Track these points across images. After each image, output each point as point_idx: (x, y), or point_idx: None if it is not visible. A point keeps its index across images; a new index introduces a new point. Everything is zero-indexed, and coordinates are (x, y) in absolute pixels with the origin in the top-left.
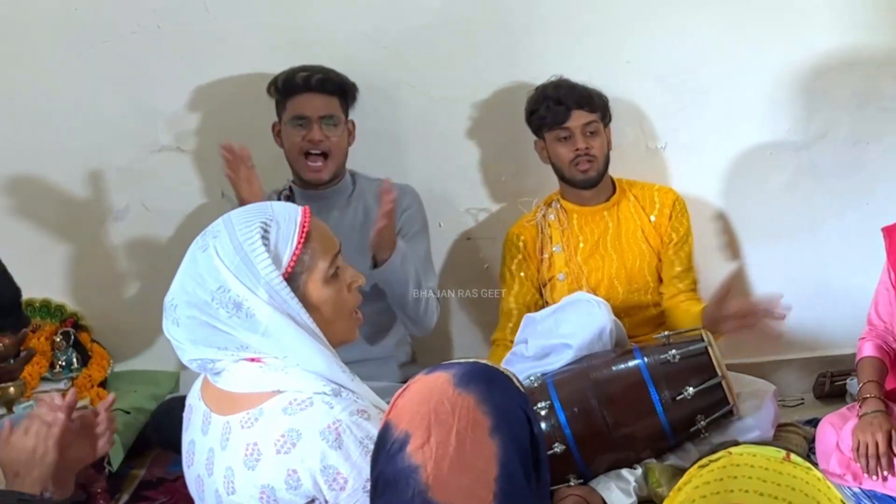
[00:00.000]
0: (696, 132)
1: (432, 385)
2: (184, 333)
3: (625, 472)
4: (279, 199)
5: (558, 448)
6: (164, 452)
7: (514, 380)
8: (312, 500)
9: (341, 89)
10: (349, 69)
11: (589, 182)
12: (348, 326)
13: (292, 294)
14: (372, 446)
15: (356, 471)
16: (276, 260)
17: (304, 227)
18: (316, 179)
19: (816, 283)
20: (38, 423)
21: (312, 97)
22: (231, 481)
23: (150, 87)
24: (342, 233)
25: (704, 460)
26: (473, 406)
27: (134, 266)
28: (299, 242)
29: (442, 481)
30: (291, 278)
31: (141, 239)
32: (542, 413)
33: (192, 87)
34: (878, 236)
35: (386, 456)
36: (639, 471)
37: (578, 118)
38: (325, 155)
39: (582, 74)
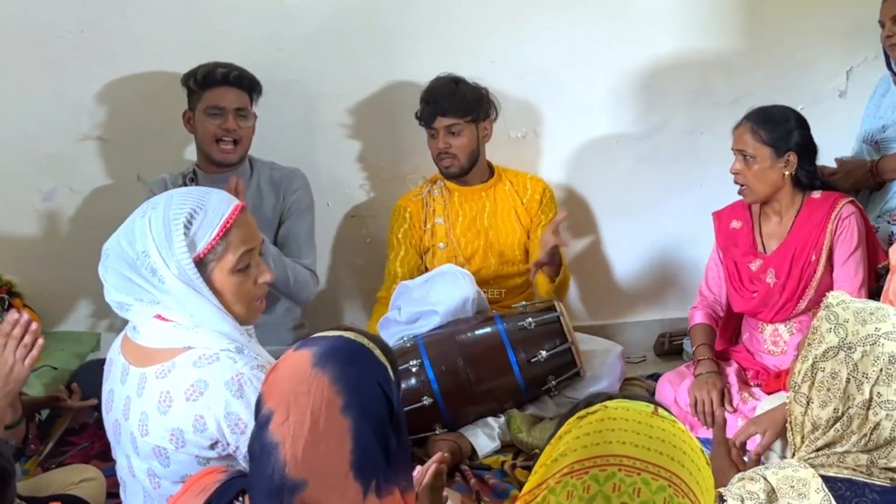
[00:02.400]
0: (552, 123)
1: (295, 364)
2: (111, 279)
3: (490, 420)
4: (184, 182)
5: (427, 401)
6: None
7: (375, 351)
8: (216, 443)
9: (252, 86)
10: (248, 67)
11: (450, 175)
12: (247, 312)
13: (199, 275)
14: None
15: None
16: (191, 245)
17: (227, 223)
18: (226, 160)
19: (656, 256)
20: (14, 343)
21: (229, 91)
22: (145, 424)
23: (75, 83)
24: None
25: (582, 412)
26: (327, 385)
27: (61, 240)
28: (217, 235)
29: (298, 458)
30: (202, 262)
31: (67, 217)
32: (413, 370)
33: (111, 84)
34: (710, 216)
35: (256, 428)
36: (502, 419)
37: (441, 121)
38: (235, 141)
39: (452, 72)
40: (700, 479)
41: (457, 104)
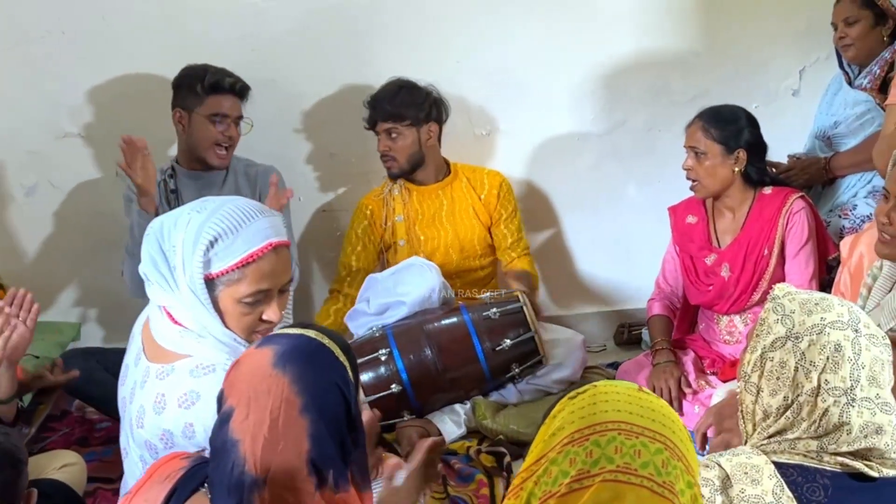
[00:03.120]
0: (516, 121)
1: (255, 363)
2: (144, 253)
3: (456, 406)
4: (163, 177)
5: (396, 388)
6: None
7: (336, 351)
8: (203, 450)
9: (246, 95)
10: (224, 67)
11: (392, 176)
12: (245, 338)
13: (206, 291)
14: None
15: None
16: (207, 263)
17: (251, 257)
18: (221, 165)
19: (617, 249)
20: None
21: (232, 99)
22: (141, 418)
23: (56, 82)
24: None
25: (573, 392)
26: (287, 386)
27: (42, 233)
28: (234, 265)
29: (257, 456)
30: (213, 282)
31: (48, 211)
32: (383, 359)
33: (91, 83)
34: (667, 211)
35: (217, 424)
36: (468, 406)
37: (382, 126)
38: (229, 147)
39: (418, 73)
40: (689, 446)
41: (395, 109)
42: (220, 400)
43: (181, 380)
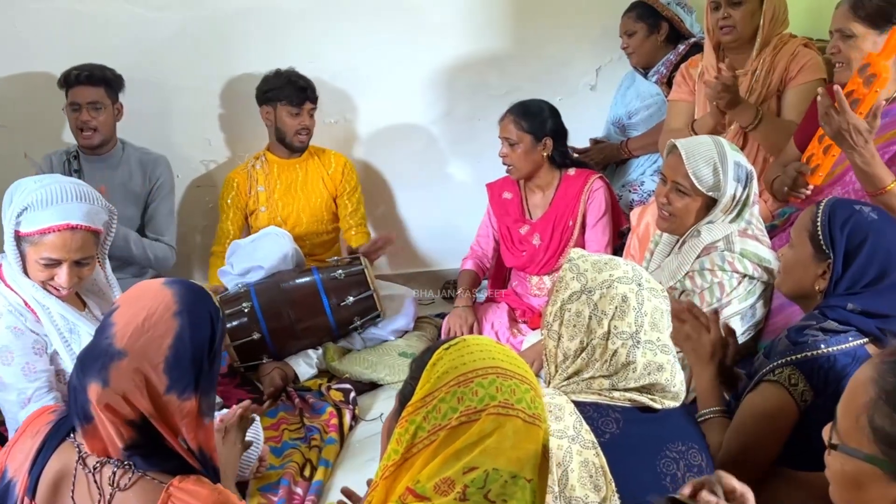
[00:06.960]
0: (359, 111)
1: (148, 284)
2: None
3: (310, 351)
4: (68, 159)
5: (256, 336)
6: None
7: (213, 297)
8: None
9: (105, 81)
10: (116, 67)
11: (303, 149)
12: (40, 284)
13: (14, 242)
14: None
15: None
16: (18, 224)
17: (45, 230)
18: (88, 145)
19: (443, 220)
20: None
21: (83, 89)
22: None
23: None
24: (114, 188)
25: (446, 345)
26: (170, 295)
27: None
28: (34, 232)
29: (125, 334)
30: (20, 238)
31: None
32: (245, 311)
33: (5, 80)
34: (484, 187)
35: (100, 323)
36: (320, 350)
37: (308, 105)
38: (93, 129)
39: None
40: (540, 388)
41: (315, 93)
42: (111, 306)
43: None
